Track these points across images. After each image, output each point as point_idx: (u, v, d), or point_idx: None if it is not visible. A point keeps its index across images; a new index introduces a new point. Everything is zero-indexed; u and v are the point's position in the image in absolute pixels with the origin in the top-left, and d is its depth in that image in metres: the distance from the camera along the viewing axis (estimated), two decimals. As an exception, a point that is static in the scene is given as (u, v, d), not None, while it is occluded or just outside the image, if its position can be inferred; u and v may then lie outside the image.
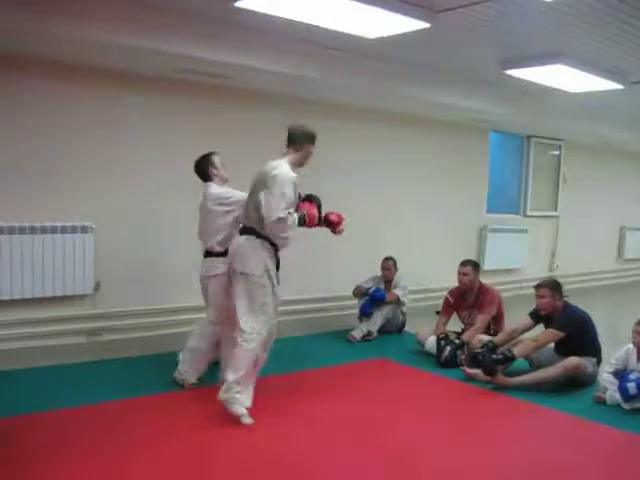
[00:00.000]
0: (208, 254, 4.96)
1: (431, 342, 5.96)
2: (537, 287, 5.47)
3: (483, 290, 6.12)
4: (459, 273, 6.13)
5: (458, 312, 6.27)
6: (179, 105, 6.01)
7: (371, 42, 5.13)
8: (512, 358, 5.20)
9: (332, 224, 4.63)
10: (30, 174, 5.29)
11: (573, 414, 4.62)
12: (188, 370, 4.91)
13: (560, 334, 5.19)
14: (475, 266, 6.21)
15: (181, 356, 4.99)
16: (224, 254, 4.72)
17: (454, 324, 6.28)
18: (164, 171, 5.93)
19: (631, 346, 4.95)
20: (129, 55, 5.07)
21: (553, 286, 5.39)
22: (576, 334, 5.18)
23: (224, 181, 5.05)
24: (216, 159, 5.04)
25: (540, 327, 5.47)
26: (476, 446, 4.02)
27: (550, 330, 5.27)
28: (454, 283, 6.27)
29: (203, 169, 5.04)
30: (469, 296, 6.13)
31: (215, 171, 5.02)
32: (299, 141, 4.48)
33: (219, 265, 4.78)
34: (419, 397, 4.96)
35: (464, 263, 6.17)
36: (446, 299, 6.32)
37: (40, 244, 5.35)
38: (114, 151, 5.71)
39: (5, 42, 4.70)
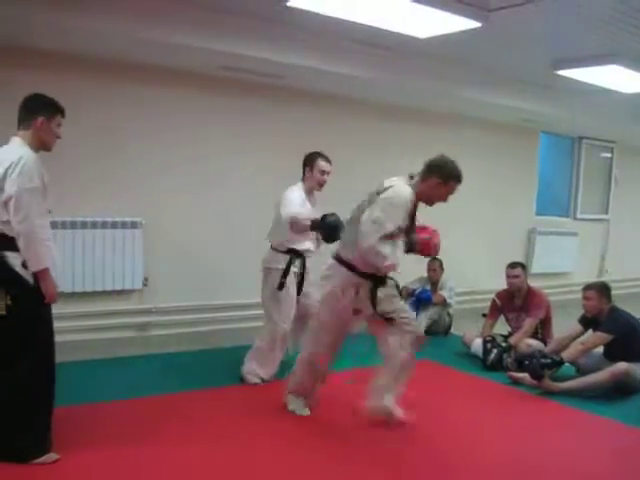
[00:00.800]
0: None
1: (477, 344, 5.90)
2: (585, 289, 5.39)
3: (531, 293, 6.04)
4: (508, 275, 6.05)
5: (505, 315, 6.19)
6: (229, 104, 6.08)
7: (422, 41, 5.11)
8: (560, 362, 5.13)
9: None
10: (88, 173, 5.41)
11: (622, 422, 4.52)
12: (249, 370, 4.87)
13: (608, 337, 5.09)
14: (524, 268, 6.14)
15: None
16: (284, 251, 4.77)
17: (501, 327, 6.21)
18: (212, 168, 6.02)
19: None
20: (179, 53, 5.16)
21: (600, 288, 5.29)
22: (624, 338, 5.08)
23: (311, 187, 4.86)
24: (320, 162, 4.79)
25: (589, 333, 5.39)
26: (521, 451, 3.97)
27: (598, 333, 5.17)
28: (501, 285, 6.19)
29: (303, 165, 4.89)
30: (517, 299, 6.05)
31: (308, 173, 4.84)
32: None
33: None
34: (464, 400, 4.91)
35: (513, 265, 6.09)
36: (493, 301, 6.24)
37: (92, 238, 5.48)
38: (162, 148, 5.80)
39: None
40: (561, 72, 5.95)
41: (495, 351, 5.66)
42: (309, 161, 4.82)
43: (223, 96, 6.04)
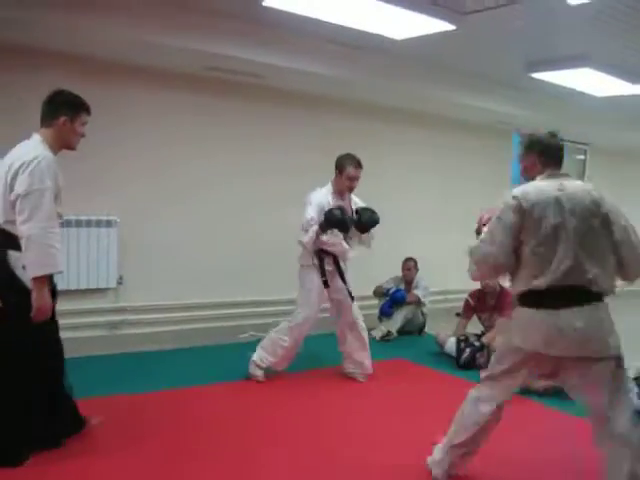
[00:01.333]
0: None
1: (451, 344, 5.94)
2: None
3: (504, 293, 6.08)
4: None
5: (478, 314, 6.24)
6: (206, 103, 6.08)
7: (398, 43, 5.14)
8: None
9: None
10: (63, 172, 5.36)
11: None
12: (259, 357, 4.93)
13: None
14: None
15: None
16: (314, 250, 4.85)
17: (475, 326, 6.26)
18: (187, 168, 6.02)
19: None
20: (155, 52, 5.15)
21: None
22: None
23: (341, 189, 4.88)
24: (348, 169, 4.78)
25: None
26: (494, 447, 4.01)
27: None
28: (474, 285, 6.24)
29: (335, 166, 4.90)
30: (490, 298, 6.10)
31: (338, 176, 4.86)
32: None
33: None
34: (436, 398, 4.94)
35: None
36: (467, 301, 6.29)
37: (66, 237, 5.41)
38: (136, 147, 5.78)
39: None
40: (535, 75, 6.02)
41: (468, 350, 5.71)
42: (339, 165, 4.86)
43: (201, 96, 6.03)
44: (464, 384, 5.28)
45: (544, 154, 3.27)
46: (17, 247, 3.06)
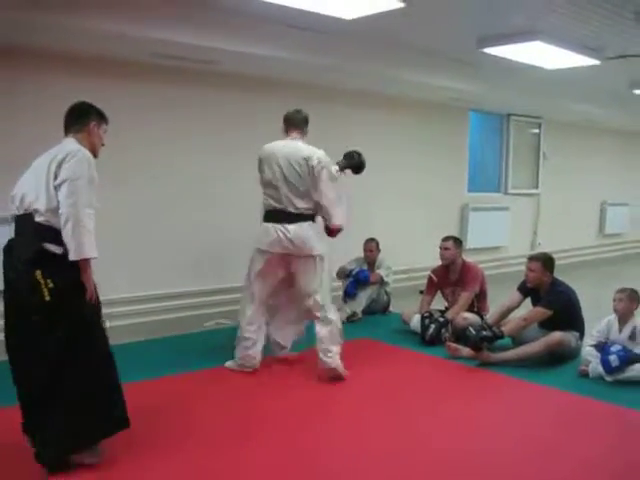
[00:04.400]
0: None
1: (416, 321, 5.99)
2: (529, 259, 5.51)
3: (466, 268, 6.15)
4: (440, 248, 6.16)
5: (442, 290, 6.31)
6: (168, 92, 6.00)
7: (348, 23, 5.12)
8: (501, 336, 5.24)
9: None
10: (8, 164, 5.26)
11: (557, 388, 4.68)
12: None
13: (548, 312, 5.22)
14: (457, 241, 6.23)
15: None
16: None
17: (439, 303, 6.32)
18: (153, 158, 5.96)
19: (612, 317, 5.02)
20: (104, 40, 5.01)
21: (545, 261, 5.40)
22: (562, 310, 5.23)
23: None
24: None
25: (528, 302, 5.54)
26: (462, 424, 4.07)
27: (538, 309, 5.29)
28: (437, 262, 6.30)
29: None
30: (452, 274, 6.16)
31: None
32: (304, 125, 4.90)
33: None
34: (404, 375, 5.00)
35: (445, 238, 6.20)
36: (430, 278, 6.34)
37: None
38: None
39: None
40: (486, 50, 6.04)
41: (433, 326, 5.76)
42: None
43: (154, 84, 5.94)
44: (430, 360, 5.38)
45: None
46: (55, 241, 3.16)
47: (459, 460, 3.51)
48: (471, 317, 5.77)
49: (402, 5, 4.56)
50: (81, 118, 3.43)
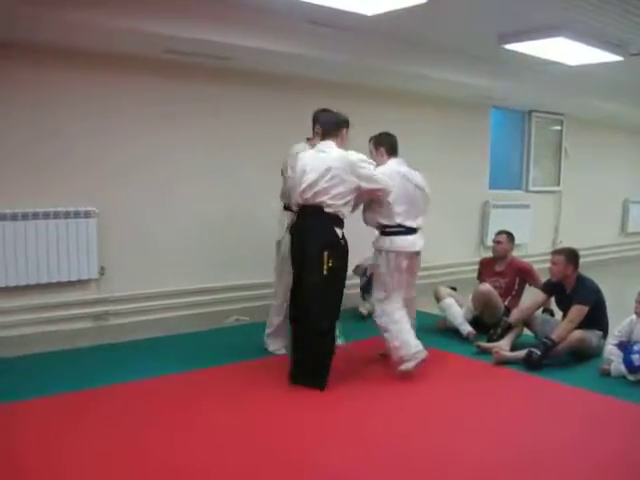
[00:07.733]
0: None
1: (448, 302, 6.16)
2: (553, 253, 5.47)
3: (516, 263, 6.19)
4: (494, 241, 6.38)
5: (484, 279, 6.30)
6: (181, 90, 6.00)
7: (369, 19, 5.10)
8: (553, 345, 5.06)
9: None
10: (33, 161, 5.31)
11: (578, 386, 4.64)
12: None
13: (586, 308, 5.17)
14: (510, 236, 6.34)
15: None
16: None
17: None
18: (167, 157, 5.97)
19: (634, 317, 4.97)
20: (120, 37, 5.01)
21: (569, 255, 5.35)
22: (593, 307, 5.19)
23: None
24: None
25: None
26: (486, 421, 4.05)
27: (577, 306, 5.18)
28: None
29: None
30: (499, 266, 6.24)
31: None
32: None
33: None
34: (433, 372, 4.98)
35: (499, 232, 6.39)
36: (478, 268, 6.55)
37: (44, 229, 5.36)
38: (114, 137, 5.71)
39: None
40: (508, 46, 6.00)
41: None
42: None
43: (166, 79, 5.94)
44: (444, 356, 5.33)
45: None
46: (340, 226, 4.57)
47: (481, 459, 3.50)
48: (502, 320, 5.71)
49: (424, 1, 4.54)
50: (337, 126, 4.81)
